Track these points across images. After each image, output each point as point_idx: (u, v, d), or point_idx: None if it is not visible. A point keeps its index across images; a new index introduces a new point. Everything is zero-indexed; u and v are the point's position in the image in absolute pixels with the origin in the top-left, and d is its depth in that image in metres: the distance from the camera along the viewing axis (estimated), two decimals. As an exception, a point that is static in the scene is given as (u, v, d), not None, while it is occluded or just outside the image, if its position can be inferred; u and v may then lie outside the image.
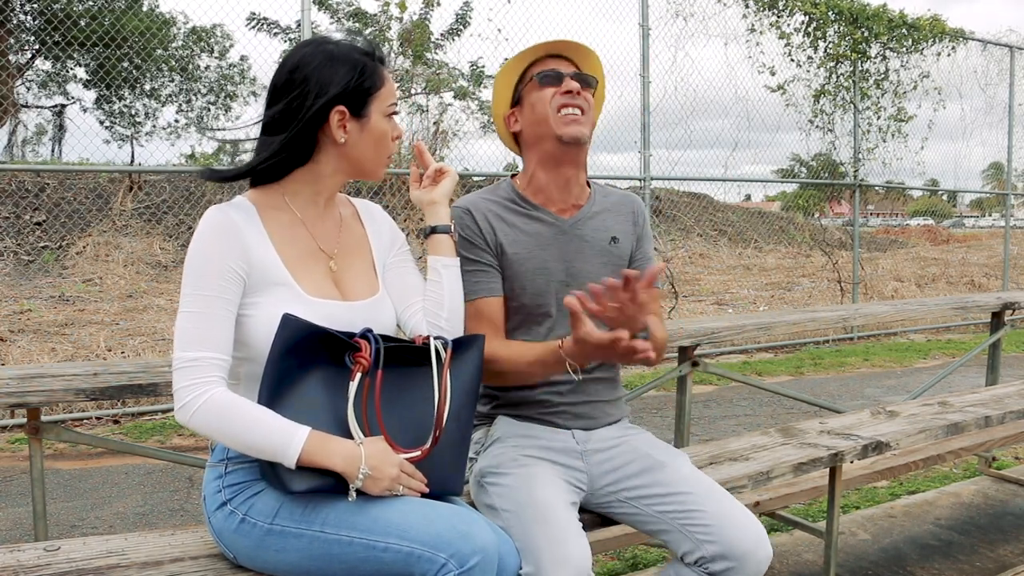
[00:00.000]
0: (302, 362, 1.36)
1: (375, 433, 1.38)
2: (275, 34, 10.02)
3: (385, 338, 1.43)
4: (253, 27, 9.68)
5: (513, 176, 1.88)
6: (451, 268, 1.63)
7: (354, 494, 1.34)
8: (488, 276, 1.74)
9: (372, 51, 1.48)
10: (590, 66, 1.83)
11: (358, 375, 1.37)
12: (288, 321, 1.35)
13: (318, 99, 1.42)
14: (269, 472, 1.36)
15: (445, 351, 1.47)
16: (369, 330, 1.41)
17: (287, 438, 1.30)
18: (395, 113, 1.52)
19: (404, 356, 1.45)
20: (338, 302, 1.47)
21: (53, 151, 15.41)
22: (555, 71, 1.75)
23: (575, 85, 1.74)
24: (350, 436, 1.36)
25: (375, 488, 1.35)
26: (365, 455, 1.34)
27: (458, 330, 1.61)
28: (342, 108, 1.44)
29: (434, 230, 1.63)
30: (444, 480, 1.47)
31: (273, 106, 1.45)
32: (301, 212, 1.49)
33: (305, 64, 1.44)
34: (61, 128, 15.09)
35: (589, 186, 1.88)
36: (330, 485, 1.34)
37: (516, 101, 1.82)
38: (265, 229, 1.43)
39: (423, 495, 1.42)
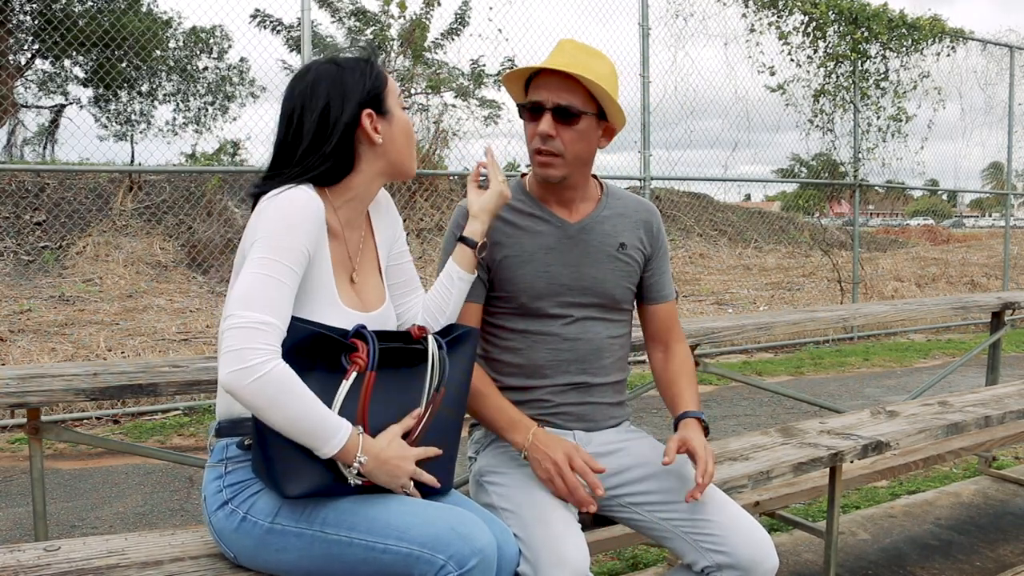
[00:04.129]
0: (300, 364, 1.34)
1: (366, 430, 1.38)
2: (277, 31, 10.06)
3: (380, 335, 1.42)
4: (258, 24, 9.74)
5: (523, 175, 1.85)
6: (464, 281, 1.65)
7: (356, 480, 1.35)
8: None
9: (368, 56, 1.53)
10: (594, 85, 1.64)
11: (353, 375, 1.36)
12: (289, 323, 1.34)
13: (347, 105, 1.46)
14: (264, 476, 1.35)
15: (440, 348, 1.48)
16: (363, 326, 1.40)
17: (331, 432, 1.30)
18: (406, 107, 1.56)
19: (397, 356, 1.44)
20: (360, 313, 1.47)
21: (49, 151, 15.43)
22: (535, 103, 1.66)
23: (546, 129, 1.65)
24: None
25: (393, 484, 1.37)
26: (388, 454, 1.36)
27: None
28: (370, 111, 1.48)
29: (463, 240, 1.66)
30: (435, 477, 1.46)
31: (290, 127, 1.46)
32: (343, 220, 1.51)
33: (320, 80, 1.48)
34: (57, 127, 15.10)
35: (602, 188, 1.85)
36: (324, 488, 1.34)
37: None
38: (328, 227, 1.45)
39: (421, 493, 1.42)
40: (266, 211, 1.36)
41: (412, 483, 1.40)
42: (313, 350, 1.36)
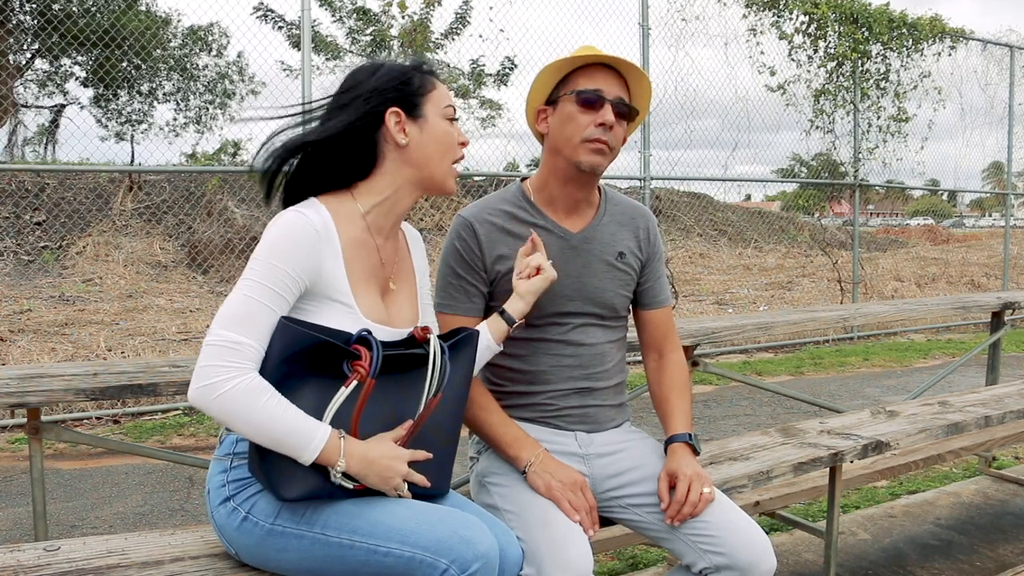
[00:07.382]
0: (299, 370, 1.34)
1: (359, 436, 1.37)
2: (279, 27, 10.07)
3: (386, 343, 1.41)
4: (259, 17, 9.75)
5: (524, 180, 1.83)
6: (491, 352, 1.66)
7: (341, 482, 1.34)
8: (470, 297, 1.73)
9: (420, 63, 1.52)
10: (637, 89, 1.73)
11: (353, 383, 1.35)
12: (287, 328, 1.33)
13: (371, 100, 1.44)
14: (262, 479, 1.35)
15: (442, 353, 1.46)
16: (367, 331, 1.39)
17: (306, 438, 1.29)
18: (454, 118, 1.52)
19: (400, 361, 1.43)
20: (386, 327, 1.45)
21: (48, 151, 15.42)
22: (598, 93, 1.66)
23: (611, 119, 1.65)
24: None
25: (385, 486, 1.37)
26: (378, 454, 1.35)
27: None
28: (396, 109, 1.45)
29: (501, 313, 1.66)
30: (432, 479, 1.45)
31: (326, 122, 1.47)
32: (373, 226, 1.48)
33: (355, 77, 1.49)
34: (56, 127, 15.09)
35: (600, 192, 1.84)
36: (320, 492, 1.34)
37: (552, 99, 1.73)
38: (339, 242, 1.41)
39: (420, 496, 1.42)
40: (268, 230, 1.37)
41: (406, 485, 1.39)
42: (313, 356, 1.34)
